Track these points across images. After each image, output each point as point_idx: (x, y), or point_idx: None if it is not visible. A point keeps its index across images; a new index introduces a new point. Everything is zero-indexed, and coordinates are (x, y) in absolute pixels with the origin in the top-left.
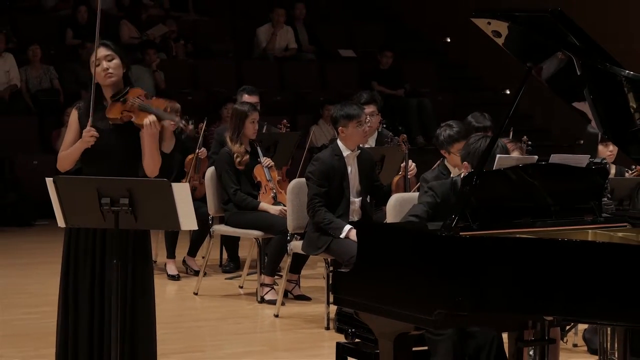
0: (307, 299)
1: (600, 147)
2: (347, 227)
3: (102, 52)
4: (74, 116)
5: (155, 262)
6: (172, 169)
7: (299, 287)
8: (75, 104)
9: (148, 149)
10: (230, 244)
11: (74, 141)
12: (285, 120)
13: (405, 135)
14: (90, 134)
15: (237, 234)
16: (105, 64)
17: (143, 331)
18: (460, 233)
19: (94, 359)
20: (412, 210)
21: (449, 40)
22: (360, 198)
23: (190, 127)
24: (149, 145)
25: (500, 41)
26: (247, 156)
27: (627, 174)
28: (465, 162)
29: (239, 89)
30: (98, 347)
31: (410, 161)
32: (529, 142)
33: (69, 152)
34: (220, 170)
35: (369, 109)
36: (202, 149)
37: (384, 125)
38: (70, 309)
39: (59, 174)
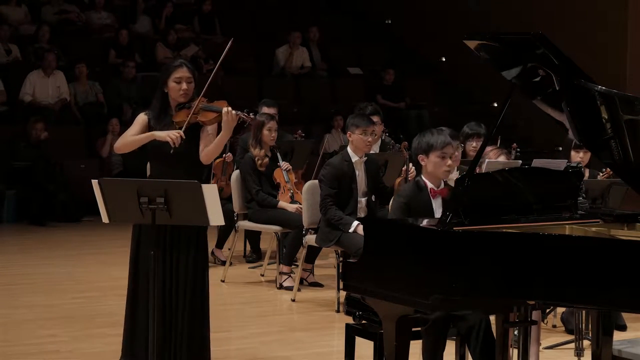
0: (320, 285)
1: (573, 153)
2: (355, 222)
3: (185, 72)
4: (142, 118)
5: None
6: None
7: (313, 275)
8: (145, 110)
9: (220, 138)
10: (252, 237)
11: (136, 134)
12: (300, 131)
13: (406, 142)
14: (178, 135)
15: (258, 229)
16: (185, 85)
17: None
18: (454, 228)
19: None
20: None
21: (443, 59)
22: (367, 198)
23: (252, 116)
24: (223, 134)
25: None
26: (267, 159)
27: (599, 176)
28: (420, 156)
29: (260, 102)
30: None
31: (410, 165)
32: (518, 149)
33: (138, 138)
34: (244, 173)
35: (374, 119)
36: (229, 153)
37: (387, 134)
38: (140, 301)
39: (104, 172)
